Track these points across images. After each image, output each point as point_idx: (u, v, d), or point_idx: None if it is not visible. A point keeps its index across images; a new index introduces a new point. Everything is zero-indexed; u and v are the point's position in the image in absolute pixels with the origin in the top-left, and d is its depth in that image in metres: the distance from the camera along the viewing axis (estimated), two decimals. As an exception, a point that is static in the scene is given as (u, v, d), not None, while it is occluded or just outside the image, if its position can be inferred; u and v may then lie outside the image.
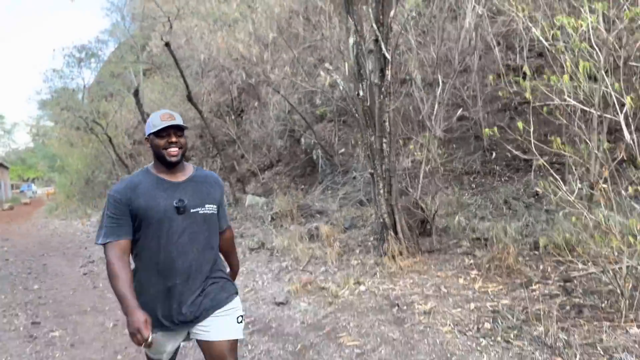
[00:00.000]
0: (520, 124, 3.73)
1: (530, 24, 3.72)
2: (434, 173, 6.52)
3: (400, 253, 5.80)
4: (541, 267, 5.03)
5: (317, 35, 9.05)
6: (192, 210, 2.23)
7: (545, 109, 3.76)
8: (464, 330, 3.93)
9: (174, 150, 2.23)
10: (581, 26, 3.32)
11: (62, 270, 9.05)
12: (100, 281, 7.75)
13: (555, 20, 3.51)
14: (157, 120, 2.24)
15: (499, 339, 3.69)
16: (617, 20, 3.64)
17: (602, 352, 3.27)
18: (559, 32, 3.54)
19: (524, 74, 5.26)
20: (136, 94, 12.92)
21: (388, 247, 5.67)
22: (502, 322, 3.92)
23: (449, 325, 4.08)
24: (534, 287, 4.61)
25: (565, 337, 3.52)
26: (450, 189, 8.43)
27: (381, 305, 4.75)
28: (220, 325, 2.27)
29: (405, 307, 4.59)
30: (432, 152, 6.38)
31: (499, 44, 7.54)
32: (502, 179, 8.27)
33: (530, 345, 3.51)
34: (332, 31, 8.04)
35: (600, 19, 3.82)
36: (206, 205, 2.28)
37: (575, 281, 4.56)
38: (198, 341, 2.32)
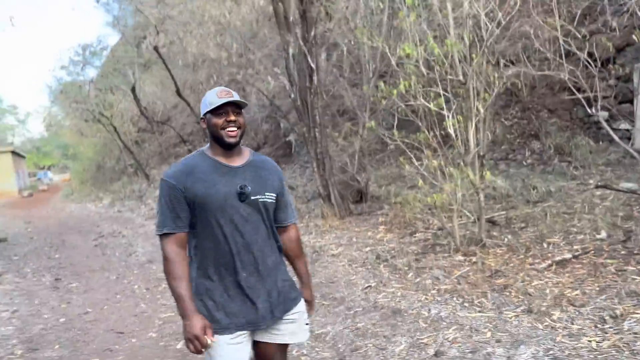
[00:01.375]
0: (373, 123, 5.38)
1: (386, 50, 5.29)
2: (364, 154, 8.15)
3: (334, 215, 7.49)
4: (430, 221, 6.67)
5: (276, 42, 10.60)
6: (252, 198, 2.03)
7: (400, 109, 5.38)
8: (353, 264, 5.63)
9: (232, 130, 2.01)
10: (413, 54, 4.90)
11: (78, 244, 10.91)
12: (107, 250, 9.58)
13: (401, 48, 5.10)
14: (213, 98, 2.02)
15: (369, 267, 5.39)
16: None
17: (427, 271, 4.95)
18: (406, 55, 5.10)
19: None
20: (133, 89, 14.59)
21: (321, 212, 7.35)
22: (378, 258, 5.61)
23: (345, 261, 5.79)
24: (417, 235, 6.28)
25: (414, 264, 5.19)
26: (394, 164, 10.07)
27: (307, 252, 6.47)
28: (294, 330, 2.15)
29: (322, 252, 6.31)
30: (363, 137, 7.99)
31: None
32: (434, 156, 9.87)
33: (385, 269, 5.21)
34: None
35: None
36: (266, 193, 2.08)
37: (444, 230, 6.21)
38: (257, 342, 2.14)
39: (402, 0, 5.25)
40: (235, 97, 2.03)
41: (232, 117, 2.01)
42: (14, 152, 38.83)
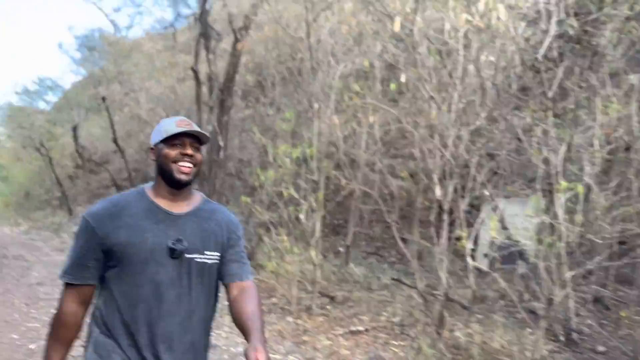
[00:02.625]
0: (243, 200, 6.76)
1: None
2: (258, 225, 9.46)
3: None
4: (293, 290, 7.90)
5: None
6: (187, 256, 1.69)
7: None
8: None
9: (186, 166, 1.70)
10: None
11: (-22, 260, 11.35)
12: (5, 269, 10.14)
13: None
14: (170, 126, 1.72)
15: (218, 316, 6.50)
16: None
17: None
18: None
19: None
20: (74, 129, 15.63)
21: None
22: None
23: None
24: (272, 299, 7.47)
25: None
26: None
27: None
28: None
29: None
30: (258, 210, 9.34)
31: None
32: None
33: (229, 319, 6.34)
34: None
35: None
36: (206, 252, 1.74)
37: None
38: None
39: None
40: (197, 129, 1.75)
41: (189, 151, 1.71)
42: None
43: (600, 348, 5.09)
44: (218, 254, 1.78)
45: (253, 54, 8.77)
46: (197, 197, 1.84)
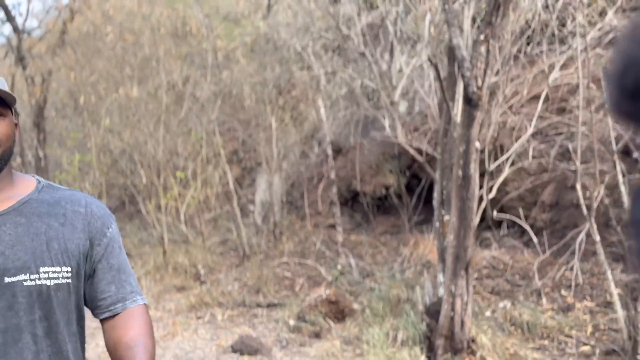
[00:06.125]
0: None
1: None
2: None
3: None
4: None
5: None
6: (7, 280, 1.05)
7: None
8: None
9: None
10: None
11: None
12: None
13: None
14: None
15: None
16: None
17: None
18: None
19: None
20: None
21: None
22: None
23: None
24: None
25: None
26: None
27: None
28: None
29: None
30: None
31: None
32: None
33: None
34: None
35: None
36: (43, 269, 1.08)
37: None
38: None
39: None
40: None
41: None
42: None
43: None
44: (68, 269, 1.11)
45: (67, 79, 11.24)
46: (27, 185, 1.17)
